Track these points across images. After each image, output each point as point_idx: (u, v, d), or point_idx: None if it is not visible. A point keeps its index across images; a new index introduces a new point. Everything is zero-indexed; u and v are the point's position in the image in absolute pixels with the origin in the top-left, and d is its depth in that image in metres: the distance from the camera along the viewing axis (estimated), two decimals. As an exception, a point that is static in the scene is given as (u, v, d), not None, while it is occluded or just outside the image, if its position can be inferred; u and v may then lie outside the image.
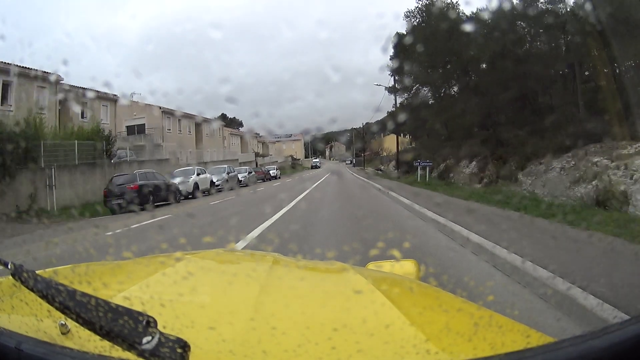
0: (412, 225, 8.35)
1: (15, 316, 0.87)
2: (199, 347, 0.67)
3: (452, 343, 0.80)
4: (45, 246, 7.85)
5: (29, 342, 0.69)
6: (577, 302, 3.26)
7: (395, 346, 0.77)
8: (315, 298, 1.13)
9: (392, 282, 1.36)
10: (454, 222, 7.10)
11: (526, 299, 3.77)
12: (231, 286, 1.18)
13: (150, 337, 0.60)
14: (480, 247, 5.46)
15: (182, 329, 0.75)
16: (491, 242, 5.31)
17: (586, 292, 3.27)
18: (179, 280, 1.16)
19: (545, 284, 3.73)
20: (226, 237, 5.91)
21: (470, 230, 6.22)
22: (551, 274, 3.80)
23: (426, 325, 0.87)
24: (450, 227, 6.97)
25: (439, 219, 7.90)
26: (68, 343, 0.73)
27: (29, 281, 0.76)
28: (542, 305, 3.57)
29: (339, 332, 0.81)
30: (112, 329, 0.62)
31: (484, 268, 4.91)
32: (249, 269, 1.47)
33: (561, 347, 0.52)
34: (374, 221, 8.39)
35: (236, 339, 0.78)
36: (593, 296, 3.20)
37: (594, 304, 3.11)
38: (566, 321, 3.21)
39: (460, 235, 6.36)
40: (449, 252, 5.80)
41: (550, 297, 3.58)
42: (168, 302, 0.93)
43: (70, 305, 0.66)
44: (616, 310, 2.95)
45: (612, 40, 11.35)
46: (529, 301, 3.70)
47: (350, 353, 0.74)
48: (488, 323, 0.96)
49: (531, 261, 4.21)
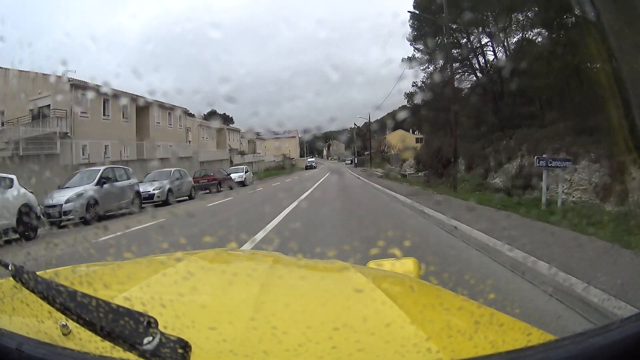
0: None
1: (16, 317, 0.87)
2: (199, 347, 0.67)
3: (453, 341, 0.80)
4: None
5: (30, 343, 0.69)
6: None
7: (396, 345, 0.77)
8: (316, 297, 1.13)
9: (393, 280, 1.36)
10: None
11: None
12: (232, 286, 1.18)
13: (151, 337, 0.60)
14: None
15: (183, 329, 0.75)
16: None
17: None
18: (180, 280, 1.16)
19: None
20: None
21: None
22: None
23: (427, 324, 0.87)
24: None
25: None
26: (69, 344, 0.73)
27: (30, 282, 0.76)
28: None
29: (340, 331, 0.81)
30: (113, 329, 0.62)
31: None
32: (250, 269, 1.47)
33: (562, 345, 0.52)
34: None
35: (237, 339, 0.78)
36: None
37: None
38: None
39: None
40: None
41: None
42: (169, 302, 0.93)
43: (71, 306, 0.66)
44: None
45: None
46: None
47: (351, 352, 0.74)
48: (489, 321, 0.96)
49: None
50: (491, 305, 1.09)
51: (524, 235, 5.88)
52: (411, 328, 0.83)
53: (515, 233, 6.02)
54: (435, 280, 1.54)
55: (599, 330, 0.52)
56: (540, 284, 4.10)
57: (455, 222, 7.30)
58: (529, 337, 0.86)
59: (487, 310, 1.04)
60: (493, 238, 5.77)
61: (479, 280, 4.29)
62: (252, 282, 1.19)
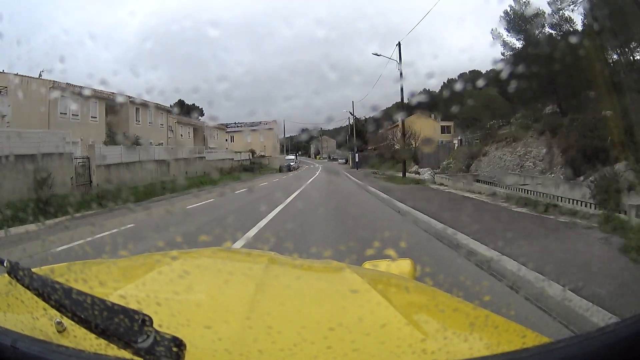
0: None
1: (11, 314, 0.87)
2: (194, 346, 0.66)
3: (448, 343, 0.80)
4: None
5: (25, 340, 0.69)
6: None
7: (391, 345, 0.77)
8: (311, 297, 1.13)
9: (388, 281, 1.37)
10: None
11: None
12: (227, 285, 1.18)
13: (146, 335, 0.60)
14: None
15: (178, 328, 0.75)
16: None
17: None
18: (175, 278, 1.16)
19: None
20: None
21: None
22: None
23: (422, 325, 0.87)
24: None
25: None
26: (64, 341, 0.72)
27: (25, 279, 0.75)
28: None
29: (335, 331, 0.81)
30: (108, 327, 0.62)
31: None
32: (245, 268, 1.47)
33: (557, 347, 0.52)
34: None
35: (232, 338, 0.78)
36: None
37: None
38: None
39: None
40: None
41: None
42: (164, 301, 0.93)
43: (66, 304, 0.66)
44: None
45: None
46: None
47: (346, 352, 0.74)
48: (484, 323, 0.97)
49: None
50: (486, 307, 1.10)
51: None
52: (406, 329, 0.83)
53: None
54: (430, 282, 1.54)
55: (593, 333, 0.52)
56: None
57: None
58: (523, 339, 0.86)
59: (482, 312, 1.05)
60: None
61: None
62: (248, 282, 1.19)
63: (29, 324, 0.79)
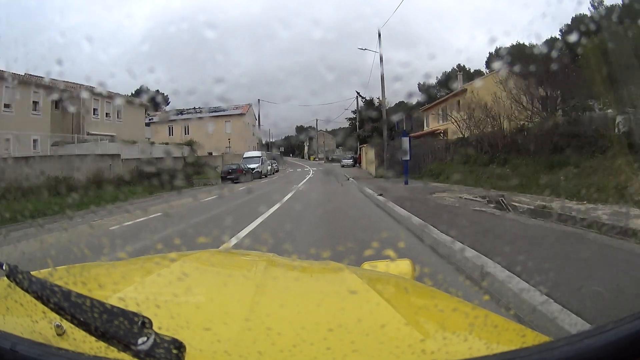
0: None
1: (10, 317, 0.86)
2: (194, 348, 0.66)
3: (447, 343, 0.80)
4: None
5: (24, 344, 0.68)
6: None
7: (390, 346, 0.77)
8: (311, 298, 1.13)
9: (387, 281, 1.37)
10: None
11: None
12: (226, 286, 1.18)
13: (145, 337, 0.60)
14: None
15: (178, 330, 0.75)
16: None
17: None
18: (174, 280, 1.15)
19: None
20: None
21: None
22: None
23: (422, 325, 0.87)
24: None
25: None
26: (63, 344, 0.72)
27: (24, 282, 0.75)
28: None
29: (334, 332, 0.81)
30: (107, 329, 0.61)
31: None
32: (244, 269, 1.47)
33: (556, 346, 0.52)
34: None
35: (231, 339, 0.78)
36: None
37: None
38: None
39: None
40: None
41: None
42: (163, 303, 0.93)
43: (66, 306, 0.66)
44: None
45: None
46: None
47: (345, 353, 0.74)
48: (483, 323, 0.97)
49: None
50: (485, 306, 1.10)
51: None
52: (406, 329, 0.83)
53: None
54: (429, 282, 1.54)
55: (593, 331, 0.52)
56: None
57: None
58: (523, 338, 0.86)
59: (481, 311, 1.05)
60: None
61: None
62: (247, 283, 1.19)
63: (28, 327, 0.78)
